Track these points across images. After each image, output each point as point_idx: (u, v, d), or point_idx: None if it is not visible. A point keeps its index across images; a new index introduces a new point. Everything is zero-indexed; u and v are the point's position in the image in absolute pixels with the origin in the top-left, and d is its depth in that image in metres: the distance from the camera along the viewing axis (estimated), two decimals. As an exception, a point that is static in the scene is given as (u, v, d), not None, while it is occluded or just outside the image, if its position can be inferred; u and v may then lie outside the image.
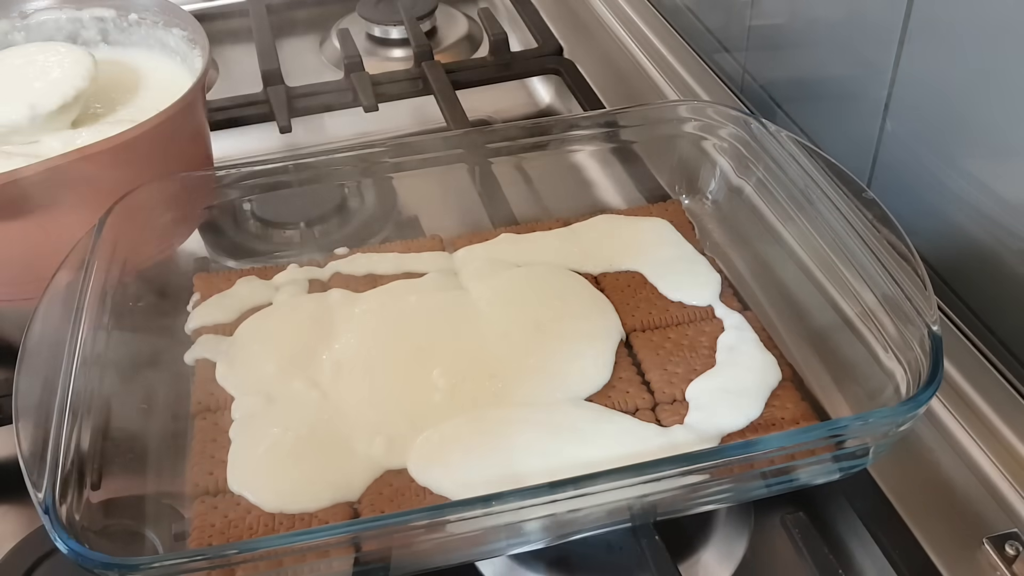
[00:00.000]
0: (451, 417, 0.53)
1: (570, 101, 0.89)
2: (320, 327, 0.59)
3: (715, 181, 0.68)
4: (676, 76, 0.89)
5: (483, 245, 0.65)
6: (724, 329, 0.58)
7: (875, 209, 0.55)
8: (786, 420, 0.53)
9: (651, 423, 0.53)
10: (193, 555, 0.44)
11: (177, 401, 0.56)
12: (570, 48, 0.94)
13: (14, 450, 0.45)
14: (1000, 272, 0.59)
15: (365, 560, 0.45)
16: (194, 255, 0.67)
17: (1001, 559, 0.50)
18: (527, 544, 0.50)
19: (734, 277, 0.64)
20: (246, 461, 0.51)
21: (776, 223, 0.63)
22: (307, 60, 0.99)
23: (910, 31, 0.62)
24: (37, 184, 0.57)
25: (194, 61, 0.71)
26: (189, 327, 0.60)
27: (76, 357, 0.50)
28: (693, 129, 0.68)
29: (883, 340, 0.53)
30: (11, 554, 0.53)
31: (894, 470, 0.54)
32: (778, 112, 0.80)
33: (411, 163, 0.67)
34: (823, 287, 0.58)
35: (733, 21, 0.86)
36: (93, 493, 0.47)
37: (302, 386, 0.55)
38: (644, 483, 0.45)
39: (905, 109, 0.65)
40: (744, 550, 0.53)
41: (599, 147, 0.70)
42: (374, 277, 0.63)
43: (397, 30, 0.99)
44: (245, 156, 0.67)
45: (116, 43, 0.76)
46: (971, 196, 0.60)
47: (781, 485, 0.50)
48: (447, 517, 0.44)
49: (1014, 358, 0.60)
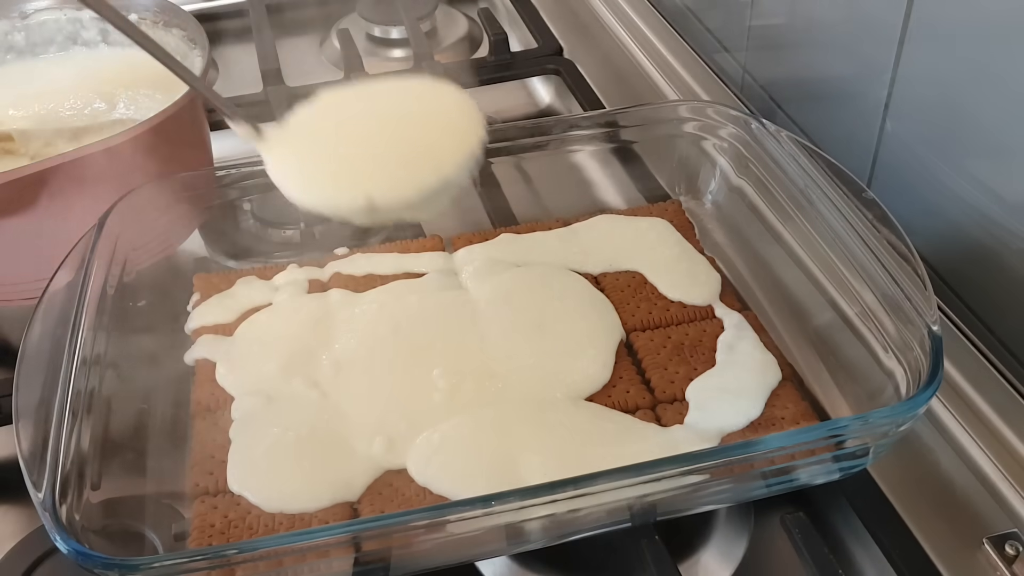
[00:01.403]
0: (451, 417, 0.53)
1: (570, 101, 0.89)
2: (320, 327, 0.59)
3: (715, 181, 0.68)
4: (676, 76, 0.89)
5: (483, 245, 0.65)
6: (724, 329, 0.58)
7: (875, 209, 0.55)
8: (786, 420, 0.53)
9: (651, 422, 0.53)
10: (193, 555, 0.44)
11: (177, 401, 0.56)
12: (570, 48, 0.94)
13: (14, 450, 0.45)
14: (1000, 272, 0.59)
15: (365, 560, 0.45)
16: (194, 255, 0.67)
17: (1001, 559, 0.50)
18: (527, 544, 0.50)
19: (734, 277, 0.64)
20: (246, 461, 0.51)
21: (776, 223, 0.63)
22: (307, 60, 0.99)
23: (910, 31, 0.62)
24: (37, 184, 0.57)
25: (194, 61, 0.71)
26: (189, 327, 0.60)
27: (76, 357, 0.50)
28: (693, 129, 0.68)
29: (883, 340, 0.53)
30: (11, 554, 0.53)
31: (894, 470, 0.54)
32: (778, 112, 0.80)
33: (411, 163, 0.67)
34: (823, 287, 0.58)
35: (733, 21, 0.86)
36: (93, 493, 0.47)
37: (302, 386, 0.55)
38: (644, 483, 0.45)
39: (905, 109, 0.65)
40: (744, 550, 0.53)
41: (599, 147, 0.70)
42: (374, 277, 0.63)
43: (397, 30, 0.99)
44: (245, 156, 0.67)
45: (116, 43, 0.76)
46: (971, 196, 0.60)
47: (781, 485, 0.50)
48: (447, 517, 0.44)
49: (1014, 358, 0.60)
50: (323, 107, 0.53)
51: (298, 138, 0.52)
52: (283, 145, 0.51)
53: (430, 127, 0.51)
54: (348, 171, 0.50)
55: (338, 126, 0.52)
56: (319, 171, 0.50)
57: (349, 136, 0.51)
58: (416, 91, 0.54)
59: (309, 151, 0.51)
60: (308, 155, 0.51)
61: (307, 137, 0.52)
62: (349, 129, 0.52)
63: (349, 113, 0.53)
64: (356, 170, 0.50)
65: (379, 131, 0.52)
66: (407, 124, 0.52)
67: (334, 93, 0.53)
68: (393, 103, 0.53)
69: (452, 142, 0.50)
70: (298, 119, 0.52)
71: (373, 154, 0.50)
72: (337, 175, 0.50)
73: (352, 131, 0.52)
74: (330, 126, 0.52)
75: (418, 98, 0.53)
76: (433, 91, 0.54)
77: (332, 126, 0.52)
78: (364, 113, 0.53)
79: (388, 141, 0.51)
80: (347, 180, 0.49)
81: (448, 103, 0.53)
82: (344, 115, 0.52)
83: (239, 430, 0.53)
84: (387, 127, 0.52)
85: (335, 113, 0.53)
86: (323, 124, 0.52)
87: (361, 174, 0.49)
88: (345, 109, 0.53)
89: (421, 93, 0.54)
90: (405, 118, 0.52)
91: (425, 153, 0.50)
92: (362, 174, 0.49)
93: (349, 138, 0.51)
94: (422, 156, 0.50)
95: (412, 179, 0.49)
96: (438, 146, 0.50)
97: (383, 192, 0.48)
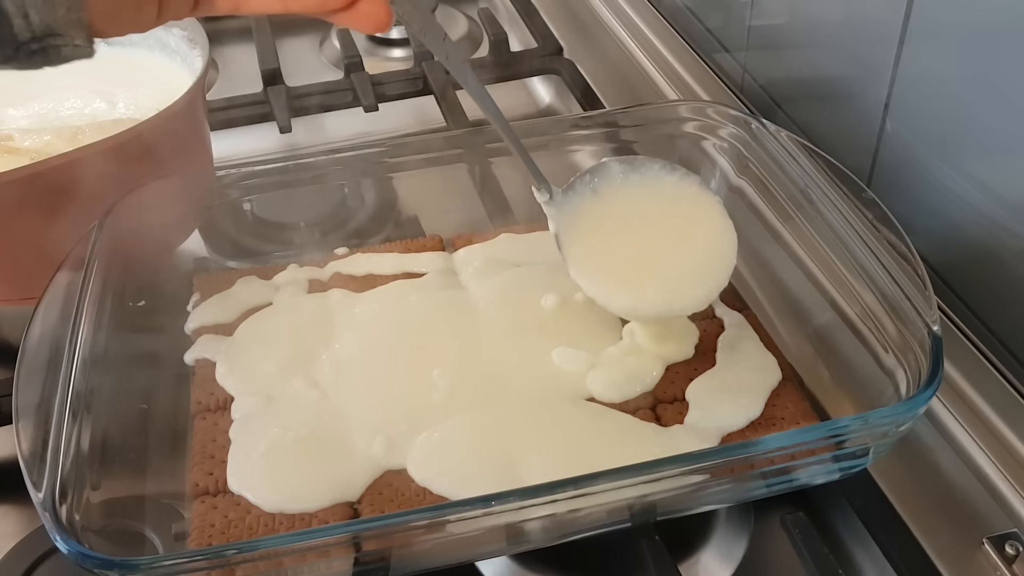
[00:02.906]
0: (451, 417, 0.53)
1: (570, 101, 0.89)
2: (320, 327, 0.59)
3: (715, 181, 0.68)
4: (676, 76, 0.89)
5: (483, 245, 0.65)
6: (724, 328, 0.58)
7: (875, 209, 0.55)
8: (786, 420, 0.53)
9: (651, 422, 0.53)
10: (193, 555, 0.44)
11: (177, 401, 0.56)
12: (570, 48, 0.94)
13: (14, 450, 0.45)
14: (1000, 272, 0.59)
15: (365, 560, 0.45)
16: (194, 255, 0.67)
17: (1001, 559, 0.50)
18: (527, 544, 0.50)
19: (734, 277, 0.63)
20: (246, 461, 0.51)
21: (776, 223, 0.63)
22: (307, 60, 0.99)
23: (910, 31, 0.62)
24: (37, 183, 0.57)
25: (194, 61, 0.71)
26: (189, 327, 0.60)
27: (76, 357, 0.50)
28: (693, 129, 0.68)
29: (883, 340, 0.53)
30: (11, 554, 0.53)
31: (894, 470, 0.54)
32: (778, 112, 0.80)
33: (411, 163, 0.67)
34: (823, 287, 0.58)
35: (733, 21, 0.86)
36: (93, 493, 0.47)
37: (302, 386, 0.55)
38: (644, 483, 0.45)
39: (905, 109, 0.65)
40: (744, 550, 0.53)
41: (599, 147, 0.70)
42: (374, 277, 0.63)
43: (397, 30, 0.99)
44: (245, 156, 0.67)
45: (116, 43, 0.75)
46: (971, 196, 0.60)
47: (781, 485, 0.50)
48: (447, 517, 0.44)
49: (1014, 358, 0.60)
50: (608, 199, 0.56)
51: (589, 227, 0.55)
52: (574, 229, 0.55)
53: (698, 245, 0.56)
54: (636, 274, 0.54)
55: (624, 223, 0.56)
56: (614, 269, 0.55)
57: (635, 237, 0.56)
58: (689, 198, 0.57)
59: (605, 248, 0.55)
60: (605, 253, 0.55)
61: (598, 230, 0.55)
62: (635, 228, 0.56)
63: (631, 209, 0.56)
64: (641, 274, 0.54)
65: (659, 237, 0.56)
66: (681, 236, 0.56)
67: (619, 187, 0.57)
68: (669, 207, 0.57)
69: (714, 267, 0.55)
70: (584, 206, 0.56)
71: (655, 262, 0.55)
72: (627, 276, 0.54)
73: (637, 231, 0.56)
74: (618, 223, 0.56)
75: (691, 207, 0.57)
76: (705, 203, 0.57)
77: (619, 223, 0.56)
78: (645, 214, 0.56)
79: (665, 250, 0.55)
80: (634, 281, 0.54)
81: (715, 224, 0.56)
82: (626, 210, 0.56)
83: (239, 430, 0.53)
84: (665, 234, 0.56)
85: (620, 207, 0.56)
86: (611, 219, 0.56)
87: (644, 278, 0.54)
88: (627, 204, 0.56)
89: (694, 201, 0.57)
90: (679, 230, 0.56)
91: (694, 272, 0.55)
92: (645, 278, 0.54)
93: (635, 239, 0.55)
94: (691, 274, 0.55)
95: (679, 297, 0.54)
96: (704, 268, 0.55)
97: (657, 301, 0.54)
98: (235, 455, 0.52)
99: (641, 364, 0.55)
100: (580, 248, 0.55)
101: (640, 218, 0.56)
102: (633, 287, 0.54)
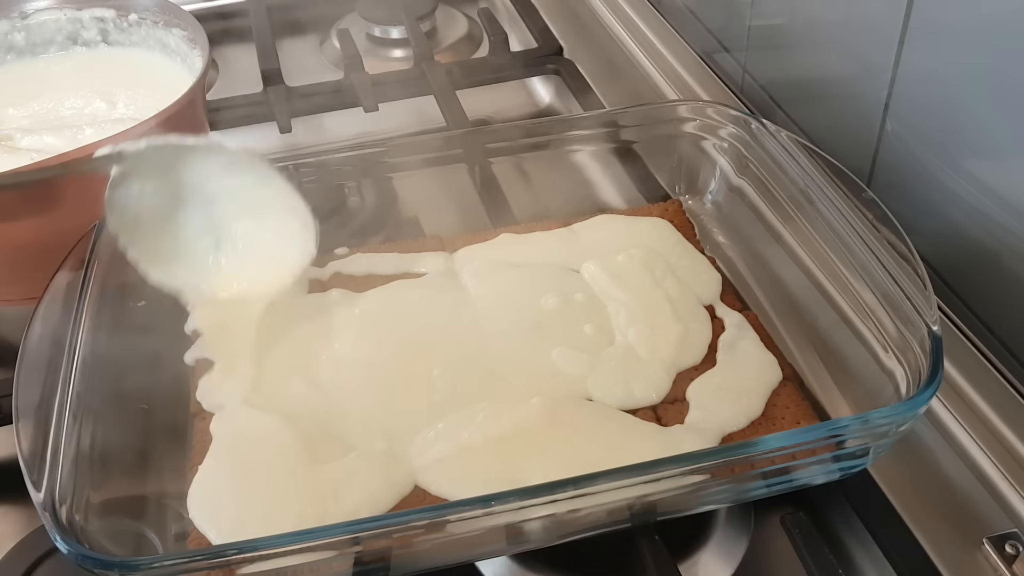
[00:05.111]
0: (451, 417, 0.53)
1: (570, 101, 0.89)
2: (320, 327, 0.59)
3: (715, 181, 0.68)
4: (676, 76, 0.89)
5: (483, 245, 0.65)
6: (724, 328, 0.58)
7: (875, 209, 0.55)
8: (786, 420, 0.53)
9: (652, 422, 0.53)
10: (193, 555, 0.44)
11: (177, 401, 0.56)
12: (570, 48, 0.94)
13: (14, 450, 0.45)
14: (1000, 272, 0.59)
15: (365, 560, 0.45)
16: (194, 255, 0.67)
17: (1001, 559, 0.50)
18: (527, 544, 0.50)
19: (734, 277, 0.64)
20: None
21: (776, 223, 0.63)
22: (307, 60, 0.99)
23: (910, 31, 0.62)
24: (38, 183, 0.57)
25: (194, 61, 0.71)
26: (189, 327, 0.60)
27: (76, 357, 0.51)
28: (693, 129, 0.68)
29: (883, 340, 0.53)
30: (11, 554, 0.53)
31: (894, 470, 0.54)
32: (778, 112, 0.80)
33: (411, 163, 0.67)
34: (823, 287, 0.58)
35: (733, 21, 0.86)
36: (93, 493, 0.47)
37: (302, 386, 0.55)
38: (644, 483, 0.45)
39: (905, 109, 0.65)
40: (744, 550, 0.53)
41: (599, 147, 0.70)
42: (374, 277, 0.63)
43: (397, 30, 0.99)
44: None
45: (116, 43, 0.76)
46: (971, 196, 0.60)
47: (781, 485, 0.50)
48: (447, 517, 0.44)
49: (1014, 358, 0.60)
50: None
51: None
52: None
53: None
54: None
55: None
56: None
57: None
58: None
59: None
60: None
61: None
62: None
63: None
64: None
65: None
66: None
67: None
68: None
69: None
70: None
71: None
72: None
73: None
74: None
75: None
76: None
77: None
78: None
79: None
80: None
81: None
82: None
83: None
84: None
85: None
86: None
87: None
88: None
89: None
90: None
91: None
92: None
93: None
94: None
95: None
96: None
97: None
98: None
99: (642, 371, 0.55)
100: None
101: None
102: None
